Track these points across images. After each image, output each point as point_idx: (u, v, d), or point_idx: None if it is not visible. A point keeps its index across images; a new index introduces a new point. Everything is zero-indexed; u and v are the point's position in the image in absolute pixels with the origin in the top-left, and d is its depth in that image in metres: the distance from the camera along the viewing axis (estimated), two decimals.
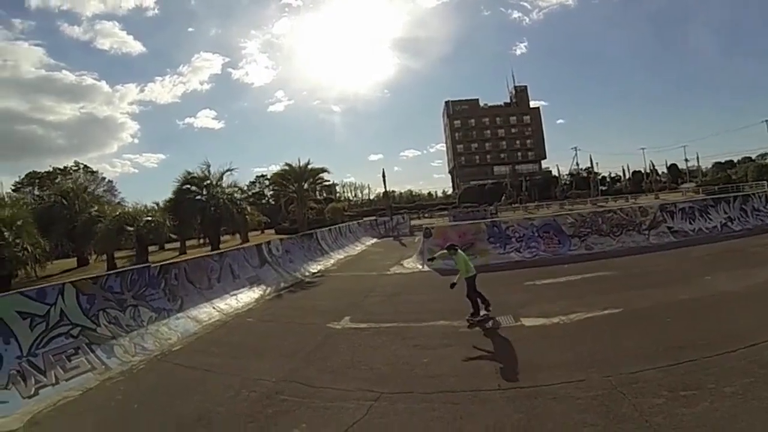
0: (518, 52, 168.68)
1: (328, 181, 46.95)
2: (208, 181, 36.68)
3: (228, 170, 37.79)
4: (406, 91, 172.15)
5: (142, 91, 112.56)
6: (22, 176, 44.68)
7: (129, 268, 12.10)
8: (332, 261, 22.09)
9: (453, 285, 8.64)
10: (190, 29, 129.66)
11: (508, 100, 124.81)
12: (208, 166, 36.79)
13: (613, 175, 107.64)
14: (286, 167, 44.69)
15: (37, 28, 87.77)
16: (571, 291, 11.01)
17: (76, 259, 39.31)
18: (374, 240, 32.63)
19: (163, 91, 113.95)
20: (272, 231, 55.47)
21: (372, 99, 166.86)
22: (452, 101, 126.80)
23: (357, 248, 27.40)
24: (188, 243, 42.87)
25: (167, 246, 44.76)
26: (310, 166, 44.81)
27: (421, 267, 17.24)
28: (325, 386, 6.37)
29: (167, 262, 13.65)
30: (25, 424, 6.93)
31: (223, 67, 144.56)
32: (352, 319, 10.29)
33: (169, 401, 6.65)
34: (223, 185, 37.45)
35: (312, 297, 14.13)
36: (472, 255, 17.67)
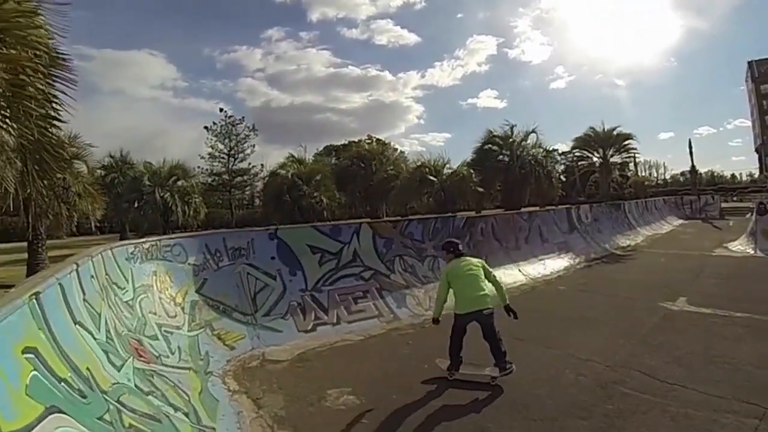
0: None
1: (635, 149, 40.63)
2: (512, 140, 35.36)
3: (533, 131, 35.74)
4: (695, 57, 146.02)
5: (423, 76, 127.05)
6: (321, 148, 52.37)
7: (433, 216, 11.64)
8: (641, 237, 20.84)
9: (436, 321, 5.86)
10: (458, 15, 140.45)
11: None
12: (512, 126, 35.44)
13: None
14: (590, 132, 40.31)
15: (320, 36, 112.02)
16: None
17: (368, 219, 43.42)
18: (680, 221, 30.24)
19: (443, 74, 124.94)
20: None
21: (657, 69, 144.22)
22: (755, 61, 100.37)
23: (664, 227, 25.87)
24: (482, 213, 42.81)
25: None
26: (616, 131, 39.56)
27: (752, 251, 15.06)
28: (680, 383, 5.19)
29: (474, 215, 13.37)
30: (294, 357, 6.51)
31: (498, 47, 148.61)
32: (690, 300, 8.98)
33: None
34: (527, 145, 35.68)
35: (629, 271, 13.06)
36: None
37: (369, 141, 45.64)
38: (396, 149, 45.10)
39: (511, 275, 11.33)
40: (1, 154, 5.32)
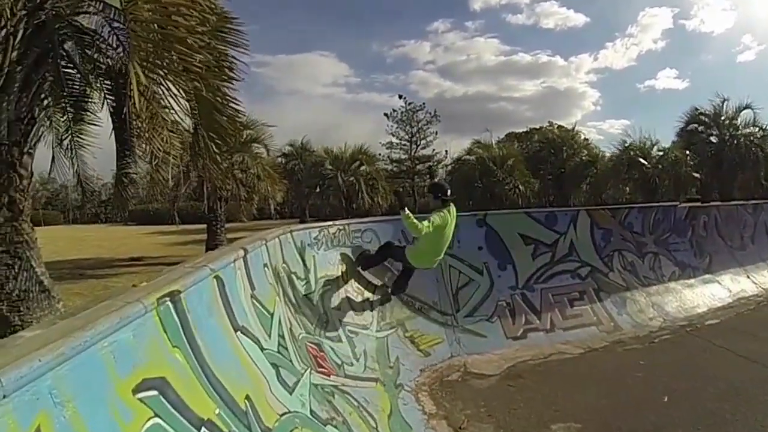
0: None
1: None
2: (723, 118, 28.89)
3: (747, 107, 28.64)
4: None
5: (595, 59, 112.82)
6: (502, 136, 49.57)
7: (654, 204, 10.25)
8: None
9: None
10: None
11: None
12: (724, 100, 28.79)
13: None
14: None
15: (486, 25, 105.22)
16: None
17: None
18: None
19: (617, 55, 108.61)
20: None
21: None
22: None
23: None
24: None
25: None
26: None
27: None
28: None
29: (696, 204, 11.21)
30: (503, 372, 5.28)
31: (673, 19, 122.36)
32: None
33: (727, 409, 4.28)
34: (737, 124, 28.90)
35: None
36: None
37: (550, 127, 41.65)
38: (581, 135, 40.43)
39: (738, 281, 9.25)
40: (169, 131, 4.87)
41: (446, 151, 43.09)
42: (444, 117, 44.95)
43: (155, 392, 1.70)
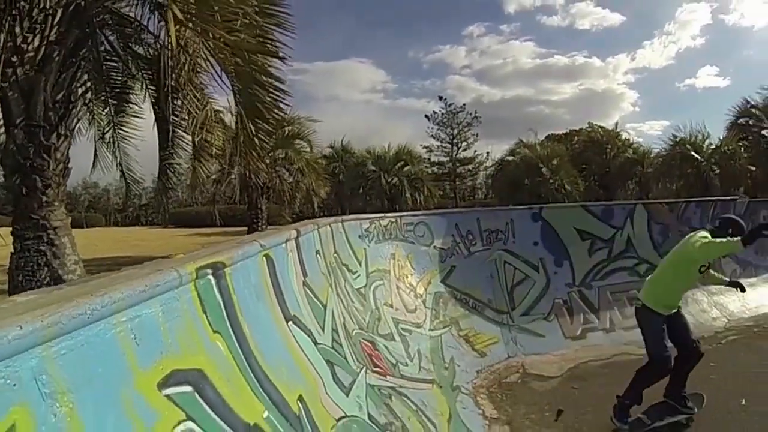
0: None
1: None
2: None
3: None
4: None
5: (633, 59, 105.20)
6: (542, 138, 48.07)
7: (712, 198, 9.20)
8: None
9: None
10: None
11: None
12: None
13: None
14: None
15: (521, 27, 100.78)
16: None
17: None
18: None
19: (654, 54, 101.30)
20: None
21: None
22: None
23: None
24: None
25: None
26: None
27: None
28: None
29: (757, 199, 10.30)
30: (564, 373, 4.79)
31: (712, 14, 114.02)
32: None
33: None
34: None
35: None
36: None
37: (590, 129, 39.81)
38: (620, 136, 38.27)
39: None
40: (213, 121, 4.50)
41: (487, 152, 41.53)
42: (483, 122, 43.35)
43: (189, 388, 1.24)
